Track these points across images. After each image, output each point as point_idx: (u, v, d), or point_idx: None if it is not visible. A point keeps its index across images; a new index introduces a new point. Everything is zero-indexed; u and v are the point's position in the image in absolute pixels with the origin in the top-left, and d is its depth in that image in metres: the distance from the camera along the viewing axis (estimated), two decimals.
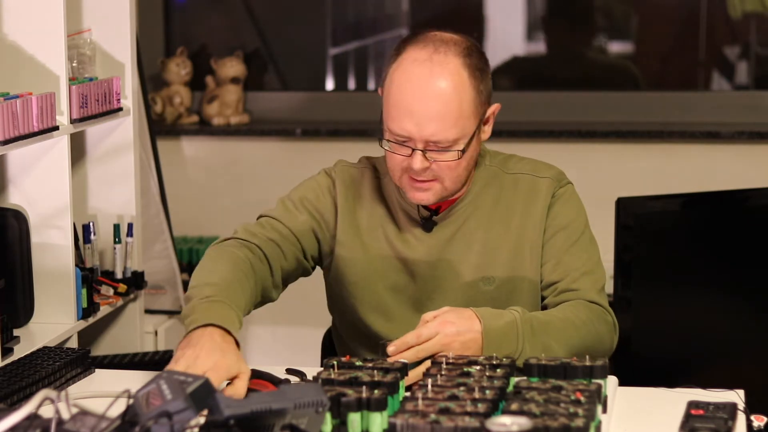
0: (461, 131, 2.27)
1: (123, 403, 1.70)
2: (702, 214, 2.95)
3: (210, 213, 4.18)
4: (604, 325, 2.35)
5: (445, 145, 2.27)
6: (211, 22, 4.52)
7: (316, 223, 2.43)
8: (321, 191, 2.45)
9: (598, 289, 2.38)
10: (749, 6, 4.20)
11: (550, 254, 2.39)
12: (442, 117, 2.25)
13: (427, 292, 2.41)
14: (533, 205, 2.40)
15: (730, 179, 3.73)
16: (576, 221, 2.41)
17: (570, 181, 2.46)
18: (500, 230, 2.40)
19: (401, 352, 2.14)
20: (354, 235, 2.42)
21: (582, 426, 1.77)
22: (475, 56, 2.30)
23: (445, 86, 2.25)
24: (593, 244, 2.44)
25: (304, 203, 2.43)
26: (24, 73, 2.74)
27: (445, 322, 2.18)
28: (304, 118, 4.23)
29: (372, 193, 2.45)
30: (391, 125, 2.29)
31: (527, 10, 4.57)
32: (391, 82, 2.29)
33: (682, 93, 4.14)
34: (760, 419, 2.14)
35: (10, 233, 2.73)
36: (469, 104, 2.28)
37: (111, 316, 3.14)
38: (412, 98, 2.25)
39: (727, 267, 2.91)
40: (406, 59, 2.28)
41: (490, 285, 2.39)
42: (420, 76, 2.26)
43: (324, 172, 2.48)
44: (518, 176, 2.43)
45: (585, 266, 2.38)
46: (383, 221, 2.43)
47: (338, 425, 1.89)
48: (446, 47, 2.28)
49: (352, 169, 2.48)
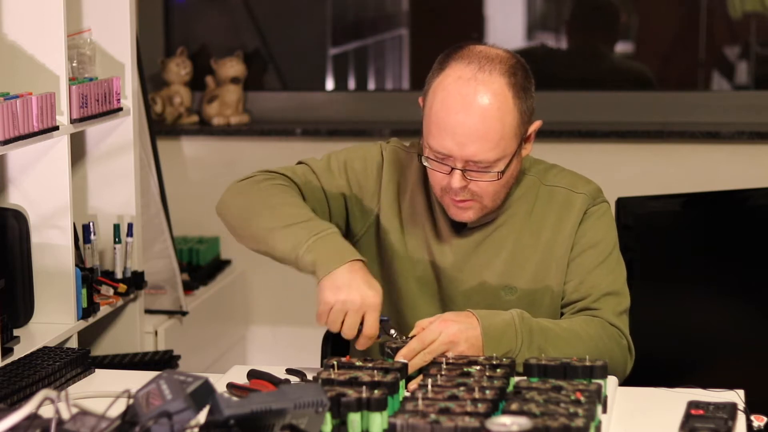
0: (502, 152, 2.24)
1: (123, 403, 1.70)
2: (702, 214, 2.96)
3: (210, 213, 4.14)
4: (616, 346, 2.31)
5: (485, 165, 2.24)
6: (211, 22, 4.52)
7: (351, 193, 2.41)
8: (369, 165, 2.42)
9: (618, 311, 2.34)
10: (749, 6, 4.21)
11: (574, 272, 2.36)
12: (484, 138, 2.22)
13: (449, 293, 2.39)
14: (565, 220, 2.37)
15: (730, 179, 3.73)
16: (605, 241, 2.38)
17: (605, 199, 2.42)
18: (530, 241, 2.37)
19: (409, 360, 2.14)
20: (395, 218, 2.40)
21: (582, 426, 1.77)
22: (520, 75, 2.26)
23: (489, 106, 2.22)
24: (620, 266, 2.40)
25: (347, 169, 2.41)
26: (24, 73, 2.74)
27: (446, 321, 2.18)
28: (304, 118, 4.23)
29: (417, 179, 2.42)
30: (431, 142, 2.26)
31: (527, 10, 4.57)
32: (433, 98, 2.26)
33: (682, 93, 4.14)
34: (760, 419, 2.14)
35: (10, 233, 2.73)
36: (512, 125, 2.24)
37: (111, 316, 3.13)
38: (455, 117, 2.22)
39: (727, 267, 2.92)
40: (450, 75, 2.24)
41: (511, 295, 2.36)
42: (464, 95, 2.22)
43: (379, 145, 2.45)
44: (555, 189, 2.39)
45: (608, 287, 2.35)
46: (421, 213, 2.40)
47: (338, 425, 1.89)
48: (491, 65, 2.24)
49: (403, 152, 2.45)
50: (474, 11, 4.48)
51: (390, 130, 3.99)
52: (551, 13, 4.59)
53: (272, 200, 2.31)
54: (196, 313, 3.62)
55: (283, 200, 2.31)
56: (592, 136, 3.95)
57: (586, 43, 4.36)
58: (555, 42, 4.47)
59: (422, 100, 2.31)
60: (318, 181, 2.40)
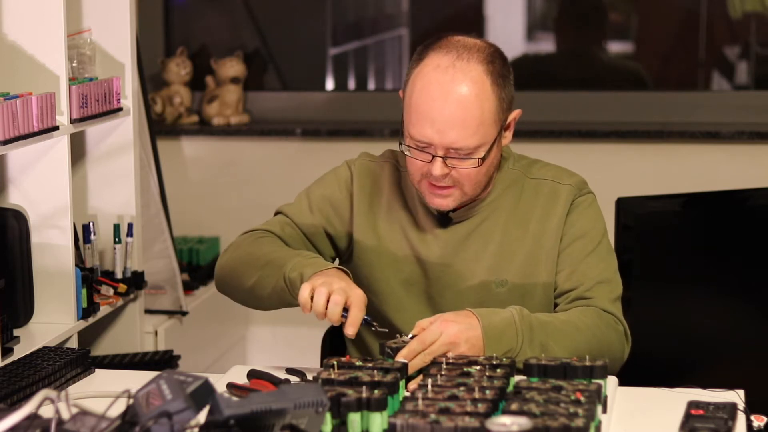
0: (482, 139, 2.26)
1: (123, 403, 1.70)
2: (702, 214, 2.95)
3: (210, 213, 4.18)
4: (613, 333, 2.33)
5: (465, 152, 2.26)
6: (211, 22, 4.52)
7: (328, 223, 2.43)
8: (339, 185, 2.45)
9: (612, 298, 2.36)
10: (749, 6, 4.20)
11: (565, 262, 2.37)
12: (464, 124, 2.23)
13: (439, 289, 2.40)
14: (552, 212, 2.38)
15: (730, 179, 3.73)
16: (594, 230, 2.39)
17: (591, 190, 2.43)
18: (517, 234, 2.38)
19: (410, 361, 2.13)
20: (370, 229, 2.42)
21: (582, 426, 1.77)
22: (498, 63, 2.28)
23: (468, 93, 2.23)
24: (611, 254, 2.41)
25: (319, 202, 2.44)
26: (24, 73, 2.74)
27: (446, 321, 2.18)
28: (304, 118, 4.23)
29: (391, 187, 2.44)
30: (411, 131, 2.27)
31: (527, 10, 4.57)
32: (413, 87, 2.28)
33: (682, 93, 4.14)
34: (760, 419, 2.14)
35: (10, 233, 2.73)
36: (491, 112, 2.26)
37: (111, 316, 3.13)
38: (434, 105, 2.24)
39: (727, 267, 2.92)
40: (429, 65, 2.26)
41: (502, 287, 2.37)
42: (442, 82, 2.24)
43: (346, 164, 2.48)
44: (540, 182, 2.41)
45: (600, 275, 2.36)
46: (400, 216, 2.42)
47: (338, 425, 1.89)
48: (469, 53, 2.26)
49: (372, 163, 2.47)
50: (474, 11, 4.48)
51: (390, 130, 3.99)
52: (551, 13, 4.59)
53: (255, 254, 2.36)
54: (196, 313, 3.62)
55: (264, 251, 2.35)
56: (592, 136, 3.95)
57: (576, 42, 4.35)
58: (555, 42, 4.46)
59: (402, 93, 2.33)
60: (295, 225, 2.43)
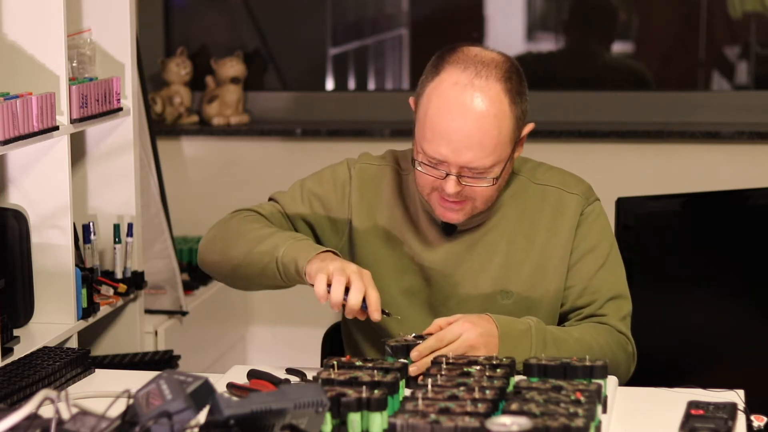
0: (498, 158, 2.23)
1: (123, 403, 1.70)
2: (702, 214, 2.95)
3: (210, 213, 4.15)
4: (623, 353, 2.32)
5: (480, 171, 2.23)
6: (211, 22, 4.52)
7: (316, 220, 2.41)
8: (335, 186, 2.42)
9: (622, 316, 2.35)
10: (749, 6, 4.20)
11: (576, 278, 2.35)
12: (481, 145, 2.21)
13: (441, 299, 2.38)
14: (560, 223, 2.36)
15: (730, 179, 3.73)
16: (603, 242, 2.37)
17: (597, 197, 2.41)
18: (524, 244, 2.35)
19: (424, 357, 2.13)
20: (371, 235, 2.39)
21: (582, 426, 1.77)
22: (515, 78, 2.25)
23: (486, 114, 2.20)
24: (619, 265, 2.40)
25: (311, 198, 2.42)
26: (24, 73, 2.74)
27: (467, 323, 2.16)
28: (304, 118, 4.23)
29: (392, 192, 2.41)
30: (426, 147, 2.24)
31: (527, 10, 4.57)
32: (428, 102, 2.24)
33: (682, 93, 4.14)
34: (760, 419, 2.14)
35: (10, 233, 2.73)
36: (508, 131, 2.23)
37: (111, 316, 3.13)
38: (452, 125, 2.20)
39: (727, 267, 2.92)
40: (446, 80, 2.22)
41: (508, 299, 2.35)
42: (461, 102, 2.20)
43: (346, 164, 2.45)
44: (546, 189, 2.38)
45: (611, 291, 2.35)
46: (402, 222, 2.39)
47: (338, 425, 1.89)
48: (487, 71, 2.21)
49: (372, 166, 2.43)
50: (474, 11, 4.48)
51: (390, 130, 3.99)
52: (551, 14, 4.59)
53: (243, 229, 2.35)
54: (196, 313, 3.62)
55: (253, 228, 2.34)
56: (592, 136, 3.95)
57: (584, 42, 4.36)
58: (555, 42, 4.46)
59: (414, 102, 2.30)
60: (283, 211, 2.42)
